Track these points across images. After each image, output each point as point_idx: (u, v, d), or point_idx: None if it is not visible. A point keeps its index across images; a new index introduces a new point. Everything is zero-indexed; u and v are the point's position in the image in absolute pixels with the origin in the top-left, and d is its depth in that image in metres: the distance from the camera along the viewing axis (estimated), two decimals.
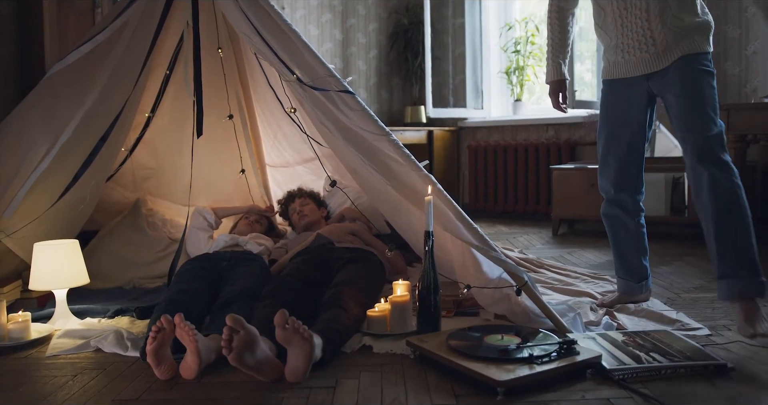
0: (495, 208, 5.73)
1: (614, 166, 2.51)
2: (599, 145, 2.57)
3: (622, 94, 2.48)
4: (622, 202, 2.55)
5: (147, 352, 1.85)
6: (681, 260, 3.55)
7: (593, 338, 2.05)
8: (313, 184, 3.81)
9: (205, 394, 1.76)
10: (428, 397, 1.71)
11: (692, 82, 2.29)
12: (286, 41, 2.46)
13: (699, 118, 2.26)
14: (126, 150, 3.45)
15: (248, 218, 3.52)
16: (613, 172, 2.52)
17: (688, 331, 2.20)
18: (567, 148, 5.25)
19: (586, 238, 4.42)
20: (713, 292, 2.78)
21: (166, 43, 3.15)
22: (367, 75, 6.36)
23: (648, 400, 1.65)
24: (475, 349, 1.84)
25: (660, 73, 2.36)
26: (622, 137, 2.48)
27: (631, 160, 2.50)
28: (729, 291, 2.18)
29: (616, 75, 2.47)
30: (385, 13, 6.42)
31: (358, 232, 3.09)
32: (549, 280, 3.00)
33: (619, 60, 2.44)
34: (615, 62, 2.46)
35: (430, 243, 2.18)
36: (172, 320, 1.86)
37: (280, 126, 3.81)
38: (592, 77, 5.13)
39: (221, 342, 1.77)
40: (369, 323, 2.23)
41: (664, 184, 4.34)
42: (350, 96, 2.37)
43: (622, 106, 2.48)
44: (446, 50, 6.18)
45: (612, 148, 2.51)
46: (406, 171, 2.33)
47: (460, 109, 6.05)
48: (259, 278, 2.56)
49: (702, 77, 2.30)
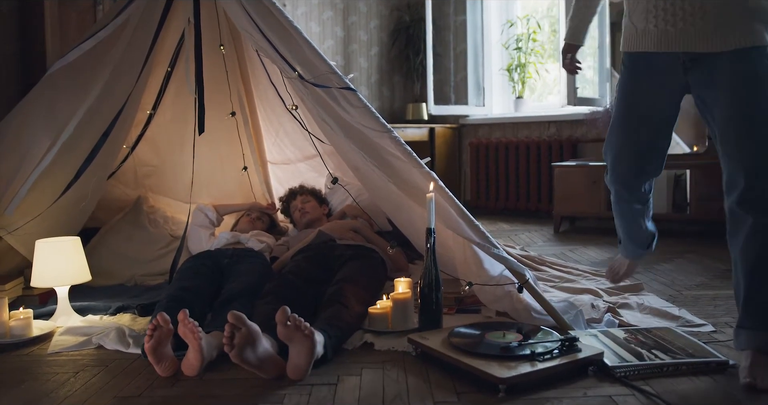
0: (496, 205, 5.72)
1: (627, 166, 2.17)
2: (612, 135, 2.18)
3: (647, 79, 2.00)
4: (634, 198, 2.27)
5: (145, 350, 1.85)
6: (683, 257, 3.55)
7: (595, 335, 2.05)
8: (315, 181, 3.80)
9: (207, 391, 1.76)
10: (430, 394, 1.71)
11: (755, 87, 1.78)
12: (288, 38, 2.46)
13: (754, 142, 1.78)
14: (127, 147, 3.45)
15: (250, 215, 3.52)
16: (626, 171, 2.19)
17: (692, 328, 2.20)
18: (569, 146, 5.24)
19: (588, 236, 4.42)
20: (715, 290, 2.78)
21: (167, 40, 3.15)
22: (369, 72, 6.35)
23: (650, 398, 1.65)
24: (476, 346, 1.84)
25: (707, 61, 1.85)
26: (641, 134, 2.09)
27: (650, 159, 2.14)
28: (748, 342, 1.82)
29: (643, 47, 1.94)
30: (386, 11, 6.41)
31: (359, 230, 3.09)
32: (550, 277, 3.00)
33: (650, 28, 1.90)
34: (645, 31, 1.92)
35: (431, 240, 2.18)
36: (168, 318, 1.85)
37: (282, 123, 3.81)
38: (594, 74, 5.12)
39: (223, 339, 1.77)
40: (370, 320, 2.23)
41: (666, 182, 4.33)
42: (352, 93, 2.37)
43: (646, 93, 2.03)
44: (448, 47, 6.17)
45: (627, 146, 2.14)
46: (407, 168, 2.33)
47: (461, 106, 6.04)
48: (260, 275, 2.56)
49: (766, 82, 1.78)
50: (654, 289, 2.81)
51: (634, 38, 1.97)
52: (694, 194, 4.16)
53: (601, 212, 4.52)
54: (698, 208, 4.14)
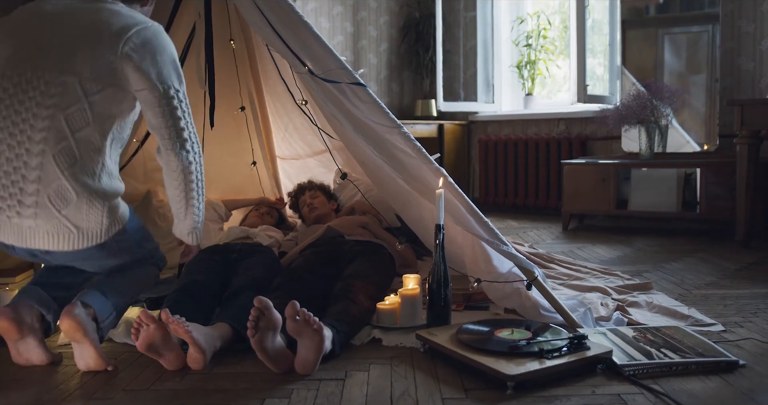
0: (505, 202, 5.71)
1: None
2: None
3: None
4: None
5: (138, 348, 1.85)
6: (692, 256, 3.53)
7: (604, 333, 2.04)
8: (324, 176, 3.80)
9: (215, 385, 1.77)
10: (438, 391, 1.71)
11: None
12: (298, 33, 2.45)
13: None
14: (137, 141, 3.46)
15: (258, 210, 3.53)
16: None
17: (701, 328, 2.19)
18: (578, 143, 5.22)
19: (597, 233, 4.41)
20: (724, 289, 2.77)
21: (177, 35, 3.14)
22: (378, 68, 6.34)
23: (659, 396, 1.64)
24: (485, 343, 1.84)
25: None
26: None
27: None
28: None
29: None
30: (396, 6, 6.40)
31: (368, 225, 3.09)
32: (559, 275, 2.99)
33: None
34: None
35: (440, 236, 2.18)
36: (153, 316, 1.82)
37: (291, 118, 3.81)
38: (604, 71, 5.10)
39: (248, 323, 1.77)
40: (379, 316, 2.23)
41: (676, 180, 4.31)
42: (361, 88, 2.36)
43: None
44: (457, 44, 6.16)
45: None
46: (417, 164, 2.32)
47: (470, 102, 6.03)
48: (268, 270, 2.56)
49: None
50: (663, 288, 2.80)
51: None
52: (704, 193, 4.13)
53: (610, 210, 4.50)
54: (708, 207, 4.12)
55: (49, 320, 1.96)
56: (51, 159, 1.81)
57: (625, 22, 4.94)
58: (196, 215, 2.07)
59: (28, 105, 1.83)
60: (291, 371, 1.83)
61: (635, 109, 4.36)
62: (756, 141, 3.66)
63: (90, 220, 1.87)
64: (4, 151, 1.84)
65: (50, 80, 1.84)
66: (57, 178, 1.82)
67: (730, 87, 4.42)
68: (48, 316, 1.95)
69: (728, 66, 4.43)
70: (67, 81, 1.84)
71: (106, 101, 1.89)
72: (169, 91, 1.92)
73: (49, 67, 1.85)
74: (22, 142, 1.82)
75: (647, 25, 5.15)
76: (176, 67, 1.98)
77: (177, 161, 1.95)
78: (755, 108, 3.65)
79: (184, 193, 2.00)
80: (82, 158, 1.85)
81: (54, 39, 1.88)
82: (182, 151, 1.95)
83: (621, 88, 4.96)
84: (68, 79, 1.84)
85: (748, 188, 3.65)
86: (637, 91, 4.48)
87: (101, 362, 1.88)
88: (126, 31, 1.89)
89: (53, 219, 1.84)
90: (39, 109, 1.82)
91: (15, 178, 1.82)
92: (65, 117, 1.83)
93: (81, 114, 1.85)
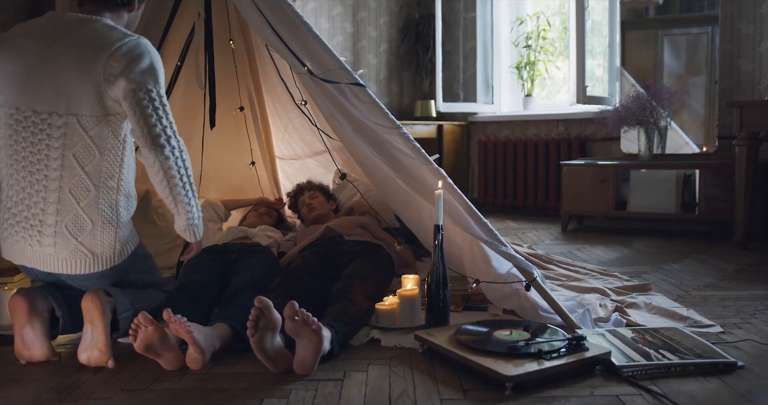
0: (504, 203, 5.71)
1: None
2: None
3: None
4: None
5: (136, 349, 1.84)
6: (691, 258, 3.53)
7: (602, 334, 2.04)
8: (323, 177, 3.80)
9: (214, 385, 1.77)
10: (436, 391, 1.71)
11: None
12: (298, 33, 2.45)
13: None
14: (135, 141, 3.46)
15: (257, 211, 3.53)
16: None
17: (700, 329, 2.19)
18: (577, 144, 5.22)
19: (595, 235, 4.41)
20: (723, 291, 2.77)
21: (177, 34, 3.14)
22: (378, 69, 6.34)
23: (657, 398, 1.64)
24: (483, 343, 1.84)
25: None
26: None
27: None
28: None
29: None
30: (396, 7, 6.40)
31: (367, 226, 3.09)
32: (558, 276, 2.99)
33: None
34: None
35: (439, 237, 2.18)
36: (150, 318, 1.82)
37: (291, 118, 3.81)
38: (604, 73, 5.10)
39: (248, 323, 1.77)
40: (377, 316, 2.23)
41: (675, 181, 4.32)
42: (361, 88, 2.36)
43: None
44: (457, 44, 6.16)
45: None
46: (416, 164, 2.32)
47: (470, 103, 6.03)
48: (267, 270, 2.56)
49: None
50: (662, 289, 2.80)
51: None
52: (703, 194, 4.14)
53: (609, 211, 4.51)
54: (707, 208, 4.13)
55: (58, 316, 2.01)
56: (67, 193, 1.95)
57: (624, 23, 4.95)
58: (189, 212, 2.12)
59: (40, 147, 1.95)
60: (289, 371, 1.83)
61: (634, 111, 4.37)
62: (755, 142, 3.67)
63: (104, 245, 2.01)
64: (26, 188, 1.98)
65: (53, 123, 1.94)
66: (74, 210, 1.96)
67: (730, 88, 4.42)
68: (58, 312, 2.01)
69: (728, 67, 4.44)
70: (68, 121, 1.94)
71: (105, 132, 1.98)
72: (139, 92, 1.94)
73: (53, 108, 1.93)
74: (41, 180, 1.96)
75: (647, 27, 5.16)
76: (152, 69, 1.98)
77: (153, 159, 2.00)
78: (754, 109, 3.65)
79: (169, 190, 2.06)
80: (97, 188, 1.99)
81: (46, 77, 1.93)
82: (156, 148, 1.98)
83: (620, 90, 4.96)
84: (69, 120, 1.94)
85: (747, 190, 3.65)
86: (637, 93, 4.49)
87: (105, 353, 1.90)
88: (105, 56, 1.92)
89: (70, 245, 1.97)
90: (50, 151, 1.94)
91: (35, 211, 1.97)
92: (74, 154, 1.95)
93: (87, 150, 1.96)
